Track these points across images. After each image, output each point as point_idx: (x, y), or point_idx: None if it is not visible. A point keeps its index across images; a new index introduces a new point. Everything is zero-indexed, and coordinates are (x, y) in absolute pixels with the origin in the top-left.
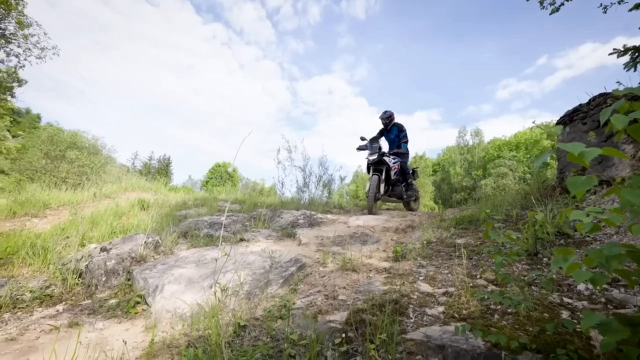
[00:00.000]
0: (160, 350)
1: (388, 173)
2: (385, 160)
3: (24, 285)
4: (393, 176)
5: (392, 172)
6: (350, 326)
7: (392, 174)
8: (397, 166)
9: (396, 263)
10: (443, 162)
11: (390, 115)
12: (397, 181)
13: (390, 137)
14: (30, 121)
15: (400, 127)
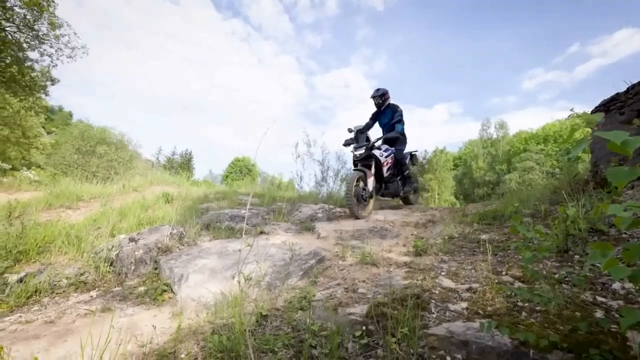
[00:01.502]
0: (186, 336)
1: (379, 169)
2: (374, 155)
3: (61, 272)
4: (385, 173)
5: (384, 168)
6: (371, 319)
7: (384, 170)
8: (389, 160)
9: (417, 258)
10: (464, 156)
11: (383, 93)
12: (391, 177)
13: (383, 122)
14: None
15: (395, 108)
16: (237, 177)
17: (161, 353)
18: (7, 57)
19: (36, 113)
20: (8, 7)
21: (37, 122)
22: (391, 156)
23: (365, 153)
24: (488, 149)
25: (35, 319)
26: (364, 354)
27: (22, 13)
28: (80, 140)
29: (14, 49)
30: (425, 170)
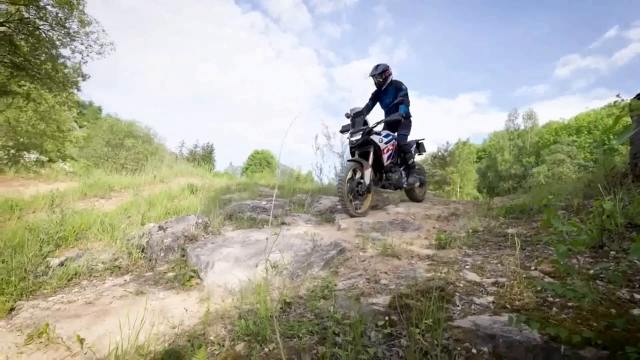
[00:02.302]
0: (214, 320)
1: (378, 157)
2: (372, 140)
3: (97, 257)
4: (386, 161)
5: (383, 155)
6: (394, 310)
7: (384, 158)
8: (390, 146)
9: (440, 251)
10: (489, 149)
11: (384, 69)
12: (392, 166)
13: (386, 102)
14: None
15: (399, 85)
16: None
17: (192, 334)
18: (42, 55)
19: (69, 108)
20: (41, 6)
21: (70, 117)
22: (392, 142)
23: (362, 139)
24: (515, 140)
25: (76, 300)
26: (387, 343)
27: (55, 11)
28: (109, 134)
29: (47, 46)
30: (446, 163)
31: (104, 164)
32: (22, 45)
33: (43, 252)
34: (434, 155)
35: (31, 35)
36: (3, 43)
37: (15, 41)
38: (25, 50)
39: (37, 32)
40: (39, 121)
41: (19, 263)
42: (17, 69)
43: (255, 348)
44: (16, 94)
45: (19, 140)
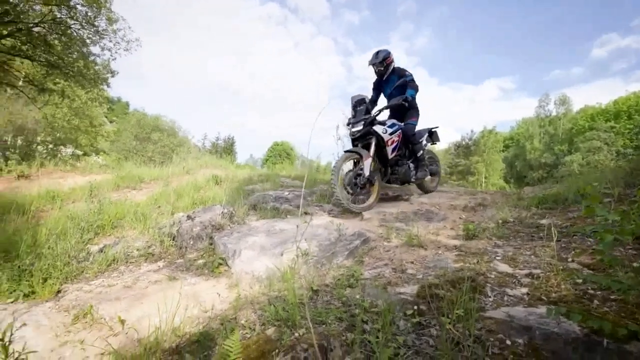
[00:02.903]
0: (244, 305)
1: (382, 149)
2: (375, 131)
3: (132, 244)
4: (391, 154)
5: (388, 148)
6: (422, 299)
7: (388, 151)
8: (396, 137)
9: (468, 241)
10: (517, 137)
11: (385, 57)
12: (399, 159)
13: (388, 91)
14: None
15: (401, 72)
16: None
17: (224, 318)
18: (74, 53)
19: (100, 104)
20: (72, 6)
21: (101, 112)
22: (398, 133)
23: (363, 129)
24: (545, 127)
25: (115, 284)
26: (417, 332)
27: (84, 10)
28: (137, 128)
29: (79, 44)
30: (471, 152)
31: (133, 157)
32: (56, 44)
33: (84, 239)
34: (458, 145)
35: (63, 34)
36: (39, 43)
37: (49, 41)
38: (58, 49)
39: (69, 31)
40: (73, 117)
41: (63, 249)
42: (51, 67)
43: (285, 332)
44: (52, 92)
45: (56, 135)
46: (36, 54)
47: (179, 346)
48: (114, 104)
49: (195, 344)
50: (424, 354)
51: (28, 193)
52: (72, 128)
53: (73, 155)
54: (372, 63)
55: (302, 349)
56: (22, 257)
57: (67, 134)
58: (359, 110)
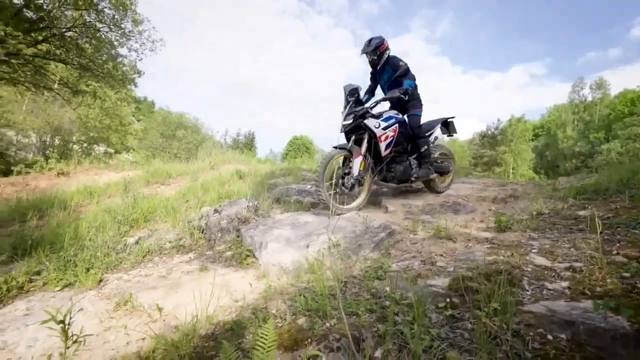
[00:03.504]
0: (273, 295)
1: (374, 145)
2: (366, 125)
3: (164, 237)
4: (384, 150)
5: (381, 144)
6: (455, 292)
7: (381, 147)
8: (391, 132)
9: (500, 234)
10: (548, 125)
11: (378, 45)
12: (397, 155)
13: (382, 82)
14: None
15: (395, 62)
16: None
17: (255, 308)
18: (104, 55)
19: (128, 103)
20: (100, 10)
21: (129, 111)
22: (394, 127)
23: (352, 123)
24: (580, 114)
25: (151, 274)
26: (450, 325)
27: (111, 13)
28: (163, 126)
29: (107, 47)
30: (497, 142)
31: (160, 154)
32: (87, 47)
33: (121, 232)
34: (483, 135)
35: (93, 38)
36: (71, 47)
37: (80, 44)
38: (89, 52)
39: (98, 34)
40: (105, 117)
41: (103, 241)
42: (84, 69)
43: (317, 322)
44: (85, 93)
45: (90, 134)
46: (69, 58)
47: (214, 333)
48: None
49: (229, 332)
50: (459, 346)
51: (68, 189)
52: (103, 127)
53: (105, 153)
54: (364, 52)
55: (335, 339)
56: (67, 249)
57: (99, 133)
58: (351, 101)
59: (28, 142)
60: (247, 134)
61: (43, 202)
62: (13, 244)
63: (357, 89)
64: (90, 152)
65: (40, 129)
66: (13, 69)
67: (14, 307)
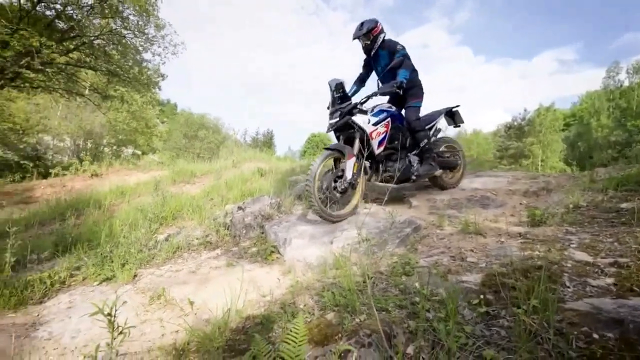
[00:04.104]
0: (299, 291)
1: (367, 142)
2: (354, 123)
3: (191, 234)
4: (377, 148)
5: (372, 141)
6: (488, 288)
7: (373, 145)
8: (383, 128)
9: (533, 228)
10: (580, 113)
11: (370, 27)
12: (393, 153)
13: (379, 69)
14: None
15: (393, 46)
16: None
17: (283, 302)
18: (129, 61)
19: (152, 106)
20: (125, 17)
21: (154, 114)
22: (386, 122)
23: (340, 121)
24: (615, 101)
25: (181, 269)
26: (485, 323)
27: (135, 20)
28: (185, 127)
29: (133, 52)
30: (524, 134)
31: (183, 154)
32: (114, 54)
33: (152, 229)
34: (508, 126)
35: (119, 44)
36: (99, 54)
37: (108, 51)
38: (116, 58)
39: (124, 40)
40: (132, 120)
41: (136, 238)
42: (111, 75)
43: (346, 318)
44: (113, 98)
45: (118, 137)
46: (98, 64)
47: (244, 327)
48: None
49: (259, 326)
50: (496, 344)
51: (101, 189)
52: (131, 130)
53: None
54: (356, 36)
55: (365, 334)
56: (103, 246)
57: (127, 135)
58: (337, 97)
59: (63, 145)
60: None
61: (79, 202)
62: (55, 241)
63: (343, 84)
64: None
65: (74, 133)
66: (48, 77)
67: (58, 301)
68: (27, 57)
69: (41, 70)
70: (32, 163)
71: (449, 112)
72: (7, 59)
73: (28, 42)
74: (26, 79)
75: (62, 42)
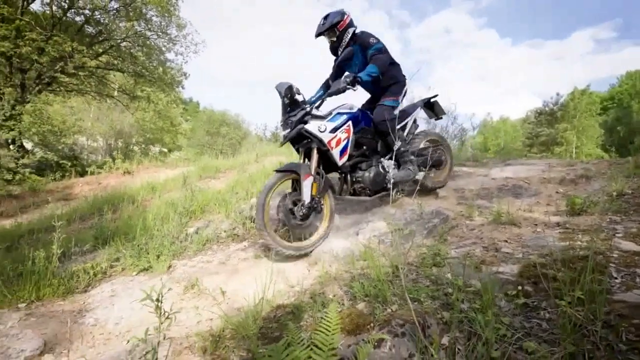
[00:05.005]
0: (328, 281)
1: (324, 154)
2: (308, 132)
3: (219, 227)
4: (340, 158)
5: (332, 152)
6: (527, 280)
7: (334, 155)
8: (343, 134)
9: (573, 217)
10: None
11: (335, 21)
12: (363, 160)
13: (354, 69)
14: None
15: (366, 40)
16: None
17: (312, 292)
18: (154, 61)
19: (176, 105)
20: (148, 19)
21: (178, 113)
22: (347, 125)
23: (292, 132)
24: None
25: (212, 261)
26: (525, 314)
27: (158, 21)
28: (208, 124)
29: (157, 53)
30: (556, 119)
31: (207, 150)
32: (139, 55)
33: (182, 223)
34: (539, 112)
35: (144, 46)
36: (126, 56)
37: (134, 53)
38: (142, 60)
39: (148, 41)
40: (158, 119)
41: (168, 231)
42: (138, 76)
43: (377, 308)
44: (140, 98)
45: (146, 136)
46: (125, 66)
47: (276, 316)
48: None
49: (290, 315)
50: (538, 336)
51: (133, 186)
52: (157, 129)
53: (160, 153)
54: (319, 33)
55: (398, 324)
56: (138, 238)
57: (154, 134)
58: (285, 103)
59: (96, 145)
60: None
61: (114, 197)
62: (94, 234)
63: (292, 87)
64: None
65: (106, 134)
66: (80, 80)
67: (101, 290)
68: (61, 62)
69: (74, 74)
70: (70, 162)
71: (428, 104)
72: (44, 64)
73: (61, 47)
74: (61, 83)
75: (91, 46)
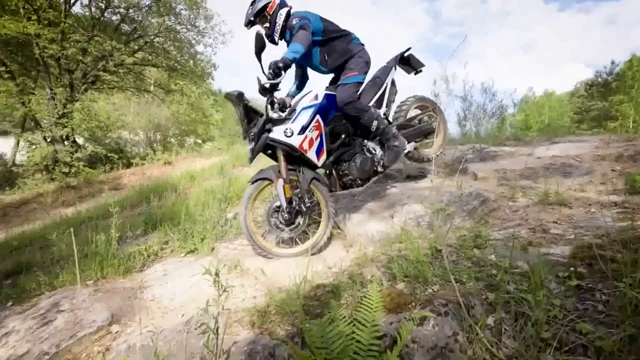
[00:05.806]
0: (365, 263)
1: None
2: (276, 141)
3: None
4: (317, 159)
5: (307, 155)
6: (580, 261)
7: (311, 158)
8: (314, 132)
9: (633, 197)
10: None
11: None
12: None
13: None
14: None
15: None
16: None
17: (351, 273)
18: (185, 55)
19: (207, 96)
20: (177, 13)
21: (209, 104)
22: (316, 120)
23: (258, 145)
24: None
25: None
26: (579, 296)
27: (187, 14)
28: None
29: (187, 46)
30: (610, 92)
31: (238, 139)
32: (171, 50)
33: (222, 208)
34: (590, 83)
35: (175, 40)
36: (159, 51)
37: (166, 48)
38: (173, 54)
39: (178, 35)
40: (191, 111)
41: (209, 216)
42: (171, 70)
43: (418, 287)
44: (174, 91)
45: (181, 128)
46: (159, 61)
47: (316, 294)
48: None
49: (330, 294)
50: (593, 318)
51: (174, 175)
52: (191, 120)
53: (195, 144)
54: (248, 21)
55: (441, 304)
56: (183, 223)
57: (188, 126)
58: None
59: (137, 139)
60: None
61: (158, 187)
62: (144, 220)
63: (242, 95)
64: (184, 143)
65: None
66: (120, 77)
67: (154, 269)
68: (102, 61)
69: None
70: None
71: (402, 60)
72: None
73: (102, 46)
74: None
75: (128, 44)
